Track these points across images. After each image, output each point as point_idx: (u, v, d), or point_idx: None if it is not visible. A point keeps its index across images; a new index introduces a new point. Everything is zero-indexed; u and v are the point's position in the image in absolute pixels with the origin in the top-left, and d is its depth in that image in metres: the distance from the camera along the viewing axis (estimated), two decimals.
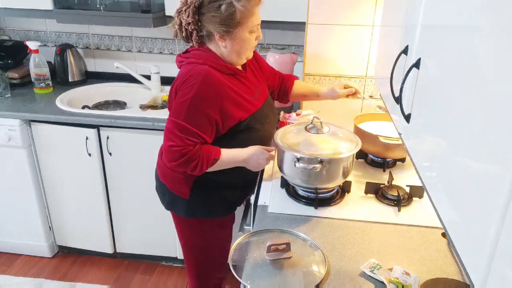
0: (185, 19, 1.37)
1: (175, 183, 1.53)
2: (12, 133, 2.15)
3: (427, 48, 0.91)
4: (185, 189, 1.51)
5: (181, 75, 1.40)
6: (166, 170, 1.53)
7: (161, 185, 1.59)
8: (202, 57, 1.40)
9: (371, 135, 1.61)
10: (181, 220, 1.62)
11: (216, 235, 1.66)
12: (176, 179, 1.51)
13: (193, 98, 1.35)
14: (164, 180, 1.57)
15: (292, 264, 1.13)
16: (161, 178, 1.58)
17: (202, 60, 1.39)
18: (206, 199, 1.55)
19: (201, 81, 1.35)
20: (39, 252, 2.50)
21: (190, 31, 1.40)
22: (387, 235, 1.30)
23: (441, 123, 0.79)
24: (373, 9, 1.77)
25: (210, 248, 1.68)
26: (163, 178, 1.57)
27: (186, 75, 1.37)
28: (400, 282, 1.08)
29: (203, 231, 1.63)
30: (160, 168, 1.58)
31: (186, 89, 1.36)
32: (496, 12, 0.59)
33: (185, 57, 1.44)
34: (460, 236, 0.67)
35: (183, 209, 1.56)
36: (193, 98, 1.35)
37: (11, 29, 2.67)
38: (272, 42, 2.42)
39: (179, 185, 1.52)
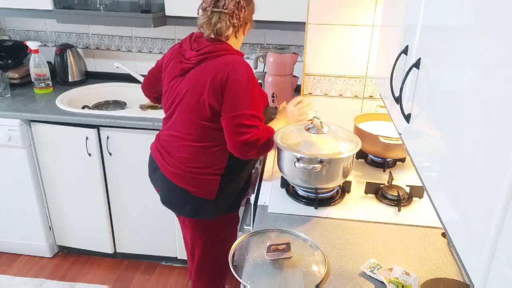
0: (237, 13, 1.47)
1: (202, 186, 1.53)
2: (12, 133, 2.15)
3: (427, 48, 0.91)
4: (214, 188, 1.53)
5: (220, 68, 1.43)
6: (193, 175, 1.51)
7: (181, 193, 1.55)
8: (229, 48, 1.49)
9: (371, 135, 1.61)
10: (204, 223, 1.61)
11: (234, 229, 1.72)
12: (204, 181, 1.52)
13: (248, 86, 1.43)
14: (188, 185, 1.52)
15: (292, 264, 1.13)
16: (182, 185, 1.53)
17: (232, 51, 1.49)
18: (231, 193, 1.60)
19: (246, 67, 1.45)
20: (39, 252, 2.50)
21: (239, 25, 1.49)
22: (387, 235, 1.30)
23: (441, 123, 0.79)
24: (373, 9, 1.77)
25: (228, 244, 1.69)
26: (187, 184, 1.53)
27: (228, 67, 1.43)
28: (400, 282, 1.08)
29: (225, 227, 1.68)
30: (181, 175, 1.53)
31: (237, 81, 1.43)
32: (496, 12, 0.59)
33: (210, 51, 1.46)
34: (460, 236, 0.67)
35: (210, 210, 1.57)
36: (248, 87, 1.43)
37: (11, 29, 2.67)
38: (272, 42, 2.42)
39: (207, 187, 1.53)
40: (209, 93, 1.44)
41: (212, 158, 1.52)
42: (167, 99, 1.59)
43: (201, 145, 1.50)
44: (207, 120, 1.48)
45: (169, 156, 1.56)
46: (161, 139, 1.63)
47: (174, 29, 2.48)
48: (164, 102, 1.62)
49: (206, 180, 1.52)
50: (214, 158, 1.52)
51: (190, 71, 1.49)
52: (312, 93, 1.97)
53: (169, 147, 1.57)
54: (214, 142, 1.50)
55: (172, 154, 1.55)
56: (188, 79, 1.49)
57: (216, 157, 1.52)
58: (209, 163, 1.52)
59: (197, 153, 1.51)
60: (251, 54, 2.48)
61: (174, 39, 2.51)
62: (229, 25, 1.47)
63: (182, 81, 1.52)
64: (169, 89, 1.57)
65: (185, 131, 1.51)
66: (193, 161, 1.52)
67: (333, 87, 1.94)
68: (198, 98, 1.46)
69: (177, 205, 1.61)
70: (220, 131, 1.47)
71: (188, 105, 1.49)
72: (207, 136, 1.50)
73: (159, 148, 1.61)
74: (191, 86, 1.48)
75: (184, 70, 1.51)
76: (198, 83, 1.46)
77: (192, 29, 2.46)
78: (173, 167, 1.54)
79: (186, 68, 1.50)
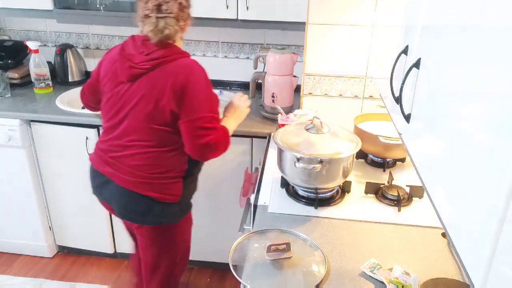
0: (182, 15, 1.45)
1: (166, 190, 1.51)
2: (12, 133, 2.15)
3: (427, 48, 0.91)
4: (178, 191, 1.54)
5: (177, 73, 1.42)
6: (156, 181, 1.49)
7: (143, 202, 1.51)
8: (180, 51, 1.49)
9: (371, 135, 1.61)
10: (167, 227, 1.61)
11: (190, 229, 1.76)
12: (168, 185, 1.52)
13: (207, 88, 1.45)
14: (152, 192, 1.50)
15: (292, 264, 1.13)
16: (145, 192, 1.50)
17: (183, 54, 1.48)
18: (191, 193, 1.66)
19: (202, 69, 1.46)
20: (39, 252, 2.50)
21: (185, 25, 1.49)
22: (387, 235, 1.30)
23: (441, 123, 0.79)
24: (373, 9, 1.77)
25: (185, 244, 1.76)
26: (150, 190, 1.50)
27: (186, 71, 1.43)
28: (400, 282, 1.08)
29: (185, 227, 1.70)
30: (143, 183, 1.50)
31: (196, 83, 1.43)
32: (496, 12, 0.59)
33: (163, 56, 1.44)
34: (460, 236, 0.67)
35: (175, 213, 1.58)
36: (206, 89, 1.45)
37: (11, 29, 2.67)
38: (272, 42, 2.42)
39: (172, 190, 1.53)
40: (170, 98, 1.42)
41: (174, 162, 1.51)
42: (111, 106, 1.52)
43: (161, 150, 1.48)
44: (166, 125, 1.46)
45: (124, 166, 1.50)
46: (107, 150, 1.55)
47: None
48: (107, 110, 1.54)
49: (170, 184, 1.51)
50: (176, 161, 1.52)
51: (142, 77, 1.45)
52: (312, 93, 1.97)
53: (122, 157, 1.51)
54: (174, 146, 1.49)
55: (127, 164, 1.50)
56: (141, 85, 1.45)
57: (177, 160, 1.52)
58: (171, 166, 1.51)
59: (157, 159, 1.49)
60: (251, 54, 2.48)
61: None
62: (177, 28, 1.46)
63: (131, 87, 1.47)
64: (114, 96, 1.51)
65: (142, 138, 1.48)
66: (155, 167, 1.49)
67: (333, 87, 1.94)
68: (156, 104, 1.43)
69: (139, 215, 1.55)
70: (178, 135, 1.47)
71: (143, 112, 1.45)
72: (167, 141, 1.48)
73: (107, 159, 1.54)
74: (146, 92, 1.44)
75: (135, 76, 1.46)
76: (155, 88, 1.43)
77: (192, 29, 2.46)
78: (132, 176, 1.49)
79: (137, 73, 1.45)
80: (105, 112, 1.56)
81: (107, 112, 1.54)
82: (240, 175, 2.11)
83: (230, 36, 2.46)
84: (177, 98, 1.42)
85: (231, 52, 2.50)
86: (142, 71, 1.44)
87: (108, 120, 1.55)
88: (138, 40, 1.50)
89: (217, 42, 2.49)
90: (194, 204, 2.24)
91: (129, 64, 1.46)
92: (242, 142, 2.06)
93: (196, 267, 2.47)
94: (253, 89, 2.22)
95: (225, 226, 2.28)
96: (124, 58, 1.48)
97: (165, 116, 1.44)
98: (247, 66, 2.48)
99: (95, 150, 1.61)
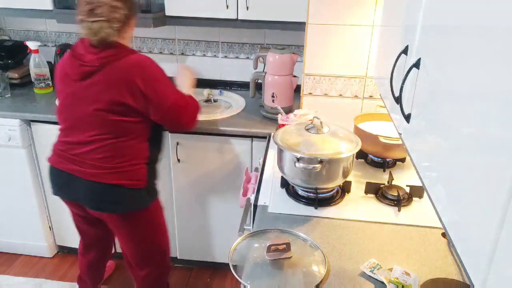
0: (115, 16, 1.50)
1: (133, 176, 1.60)
2: (12, 133, 2.15)
3: (427, 48, 0.91)
4: (144, 175, 1.63)
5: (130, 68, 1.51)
6: (121, 170, 1.57)
7: (113, 191, 1.58)
8: (128, 49, 1.57)
9: (371, 135, 1.61)
10: (139, 215, 1.67)
11: (163, 215, 1.82)
12: (133, 172, 1.60)
13: (163, 76, 1.59)
14: (120, 180, 1.57)
15: (292, 264, 1.13)
16: (113, 181, 1.56)
17: (132, 51, 1.57)
18: (155, 178, 1.73)
19: (152, 61, 1.58)
20: (39, 252, 2.50)
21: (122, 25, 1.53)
22: (387, 235, 1.30)
23: (441, 123, 0.79)
24: (373, 9, 1.77)
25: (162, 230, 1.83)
26: (118, 179, 1.57)
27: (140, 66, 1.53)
28: (400, 282, 1.08)
29: (157, 213, 1.77)
30: (110, 173, 1.56)
31: (154, 74, 1.56)
32: (496, 12, 0.59)
33: (112, 54, 1.52)
34: (460, 236, 0.67)
35: (144, 198, 1.67)
36: (163, 77, 1.58)
37: (11, 29, 2.67)
38: (272, 42, 2.42)
39: (138, 175, 1.61)
40: (125, 93, 1.50)
41: (135, 150, 1.60)
42: (66, 106, 1.60)
43: (122, 140, 1.57)
44: (123, 116, 1.54)
45: (88, 160, 1.56)
46: (68, 148, 1.60)
47: (174, 29, 2.49)
48: (62, 110, 1.62)
49: (134, 171, 1.60)
50: (137, 149, 1.61)
51: (94, 75, 1.51)
52: (312, 93, 1.97)
53: (84, 153, 1.57)
54: (133, 134, 1.58)
55: (91, 158, 1.56)
56: (94, 82, 1.52)
57: (139, 148, 1.61)
58: (133, 155, 1.60)
59: (119, 149, 1.57)
60: (251, 54, 2.48)
61: (174, 39, 2.51)
62: (112, 30, 1.51)
63: (84, 85, 1.53)
64: (68, 96, 1.58)
65: (101, 132, 1.54)
66: (118, 157, 1.57)
67: (333, 87, 1.94)
68: (111, 98, 1.51)
69: (110, 205, 1.61)
70: (137, 124, 1.57)
71: (99, 107, 1.52)
72: (126, 131, 1.57)
73: (70, 157, 1.59)
74: (100, 89, 1.51)
75: (86, 74, 1.52)
76: (108, 84, 1.51)
77: (192, 29, 2.47)
78: (97, 169, 1.56)
79: (88, 71, 1.51)
80: (61, 113, 1.64)
81: (62, 113, 1.63)
82: (240, 175, 2.11)
83: (230, 36, 2.46)
84: (134, 92, 1.51)
85: (231, 52, 2.51)
86: (93, 69, 1.51)
87: (64, 120, 1.62)
88: (86, 42, 1.56)
89: (217, 42, 2.49)
90: (195, 204, 2.25)
91: (79, 63, 1.53)
92: (242, 142, 2.06)
93: (196, 267, 2.47)
94: (253, 89, 2.22)
95: (225, 226, 2.28)
96: (75, 58, 1.55)
97: (122, 109, 1.53)
98: (247, 66, 2.48)
99: (54, 151, 1.66)
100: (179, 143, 2.10)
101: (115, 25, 1.51)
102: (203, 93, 2.36)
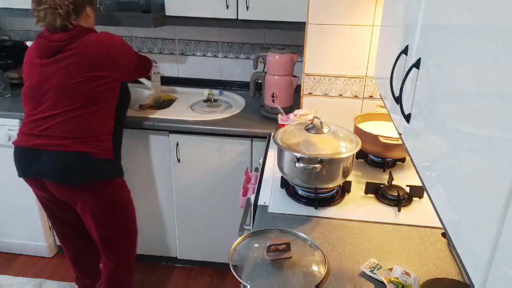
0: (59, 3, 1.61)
1: (100, 147, 1.69)
2: (12, 133, 2.15)
3: (427, 48, 0.91)
4: (110, 147, 1.73)
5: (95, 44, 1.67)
6: (87, 139, 1.66)
7: (82, 160, 1.66)
8: (85, 29, 1.70)
9: (371, 135, 1.61)
10: (107, 186, 1.74)
11: (130, 195, 1.89)
12: (100, 142, 1.69)
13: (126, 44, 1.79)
14: (87, 148, 1.66)
15: (292, 264, 1.13)
16: (82, 149, 1.65)
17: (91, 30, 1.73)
18: (119, 156, 1.84)
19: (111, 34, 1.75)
20: (39, 252, 2.50)
21: (71, 9, 1.64)
22: (387, 235, 1.30)
23: (441, 123, 0.79)
24: (373, 9, 1.77)
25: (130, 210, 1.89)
26: (85, 147, 1.65)
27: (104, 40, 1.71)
28: (400, 282, 1.08)
29: (124, 189, 1.85)
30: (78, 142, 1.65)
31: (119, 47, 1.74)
32: (497, 12, 0.59)
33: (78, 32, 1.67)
34: (460, 236, 0.67)
35: (113, 169, 1.76)
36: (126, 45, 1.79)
37: (11, 29, 2.67)
38: (272, 42, 2.42)
39: (104, 146, 1.70)
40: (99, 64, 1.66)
41: (101, 121, 1.70)
42: (33, 86, 1.68)
43: (88, 111, 1.66)
44: (93, 86, 1.65)
45: (55, 133, 1.65)
46: (35, 126, 1.68)
47: (174, 29, 2.49)
48: (28, 91, 1.70)
49: (102, 141, 1.70)
50: (103, 120, 1.71)
51: (64, 50, 1.65)
52: (312, 93, 1.97)
53: (51, 126, 1.65)
54: (99, 105, 1.68)
55: (58, 130, 1.65)
56: (63, 57, 1.65)
57: (104, 119, 1.71)
58: (99, 125, 1.69)
59: (85, 120, 1.66)
60: (251, 54, 2.48)
61: (174, 39, 2.51)
62: (56, 16, 1.63)
63: (53, 61, 1.65)
64: (37, 75, 1.67)
65: (69, 102, 1.64)
66: (84, 128, 1.66)
67: (333, 87, 1.94)
68: (83, 70, 1.64)
69: (79, 174, 1.68)
70: (102, 91, 1.68)
71: (70, 79, 1.63)
72: (92, 101, 1.66)
73: (36, 134, 1.67)
74: (72, 62, 1.64)
75: (55, 49, 1.65)
76: (81, 57, 1.64)
77: (192, 29, 2.47)
78: (66, 140, 1.65)
79: (57, 46, 1.64)
80: (26, 94, 1.71)
81: (29, 93, 1.70)
82: (240, 175, 2.11)
83: (230, 36, 2.46)
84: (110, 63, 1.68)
85: (231, 52, 2.51)
86: (62, 44, 1.64)
87: (31, 99, 1.70)
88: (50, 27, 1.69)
89: (217, 42, 2.49)
90: (194, 204, 2.25)
91: (47, 41, 1.66)
92: (242, 142, 2.06)
93: (196, 267, 2.48)
94: (253, 89, 2.22)
95: (225, 226, 2.28)
96: (42, 39, 1.68)
97: (91, 79, 1.65)
98: (247, 66, 2.49)
99: (19, 135, 1.74)
100: (179, 143, 2.10)
101: (60, 12, 1.62)
102: (203, 93, 2.36)
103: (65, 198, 1.74)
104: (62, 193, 1.72)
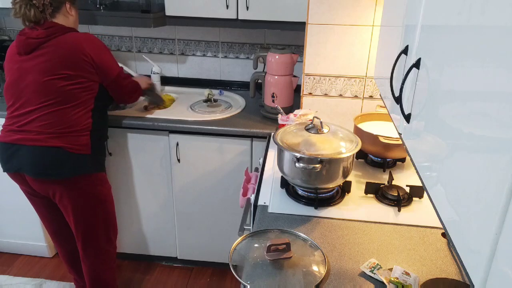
0: None
1: (75, 142, 1.70)
2: None
3: (427, 48, 0.91)
4: (87, 142, 1.74)
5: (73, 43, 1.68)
6: (64, 135, 1.68)
7: (57, 154, 1.67)
8: (65, 27, 1.71)
9: (371, 135, 1.61)
10: (84, 182, 1.76)
11: (110, 191, 1.91)
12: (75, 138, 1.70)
13: (106, 49, 1.78)
14: (63, 143, 1.67)
15: (292, 264, 1.13)
16: (57, 144, 1.67)
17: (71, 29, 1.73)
18: (102, 150, 1.87)
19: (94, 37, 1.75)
20: (39, 252, 2.50)
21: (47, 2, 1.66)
22: (387, 235, 1.30)
23: (441, 123, 0.79)
24: (373, 9, 1.77)
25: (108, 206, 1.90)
26: (61, 142, 1.67)
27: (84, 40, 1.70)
28: (400, 282, 1.08)
29: (104, 185, 1.86)
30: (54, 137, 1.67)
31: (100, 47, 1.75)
32: (497, 12, 0.59)
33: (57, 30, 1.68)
34: (460, 236, 0.67)
35: (87, 165, 1.75)
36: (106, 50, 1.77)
37: (11, 29, 2.67)
38: (272, 42, 2.42)
39: (80, 142, 1.72)
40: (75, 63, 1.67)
41: (78, 117, 1.71)
42: (13, 82, 1.70)
43: (64, 107, 1.68)
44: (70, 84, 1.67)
45: (32, 128, 1.67)
46: (14, 122, 1.71)
47: (174, 29, 2.49)
48: (8, 87, 1.72)
49: (77, 137, 1.72)
50: (80, 116, 1.72)
51: (42, 47, 1.67)
52: (312, 93, 1.97)
53: (29, 122, 1.68)
54: (76, 101, 1.70)
55: (35, 125, 1.67)
56: (41, 53, 1.67)
57: (81, 115, 1.72)
58: (76, 121, 1.71)
59: (62, 116, 1.68)
60: (251, 54, 2.48)
61: (174, 39, 2.51)
62: (30, 8, 1.65)
63: (31, 57, 1.68)
64: (16, 71, 1.70)
65: (46, 99, 1.66)
66: (61, 123, 1.68)
67: (333, 87, 1.94)
68: (60, 68, 1.65)
69: (55, 168, 1.69)
70: (82, 92, 1.71)
71: (48, 75, 1.65)
72: (67, 98, 1.68)
73: (15, 129, 1.70)
74: (49, 58, 1.66)
75: (33, 45, 1.67)
76: (58, 55, 1.66)
77: (192, 29, 2.47)
78: (42, 135, 1.67)
79: (34, 43, 1.66)
80: (7, 90, 1.73)
81: (9, 89, 1.72)
82: (240, 175, 2.11)
83: (230, 36, 2.46)
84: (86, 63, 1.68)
85: (231, 52, 2.51)
86: (40, 41, 1.66)
87: (12, 95, 1.72)
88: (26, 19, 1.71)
89: (217, 42, 2.49)
90: (194, 204, 2.25)
91: (26, 38, 1.67)
92: (242, 142, 2.06)
93: (196, 267, 2.48)
94: (253, 89, 2.22)
95: (225, 226, 2.28)
96: (21, 36, 1.69)
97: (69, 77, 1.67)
98: (247, 66, 2.49)
99: (2, 131, 1.76)
100: (179, 143, 2.10)
101: (35, 2, 1.64)
102: (203, 93, 2.36)
103: (43, 192, 1.77)
104: (40, 186, 1.74)
